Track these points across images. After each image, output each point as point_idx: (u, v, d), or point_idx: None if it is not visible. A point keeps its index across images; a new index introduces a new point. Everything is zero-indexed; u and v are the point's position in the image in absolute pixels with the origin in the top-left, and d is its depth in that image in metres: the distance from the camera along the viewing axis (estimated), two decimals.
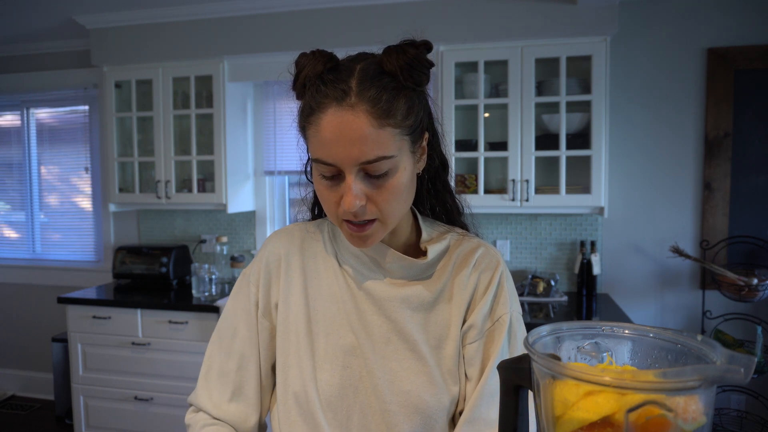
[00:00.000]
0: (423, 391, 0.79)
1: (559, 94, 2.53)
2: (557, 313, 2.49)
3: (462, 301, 0.83)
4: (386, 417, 0.79)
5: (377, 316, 0.82)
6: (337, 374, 0.81)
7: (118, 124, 3.14)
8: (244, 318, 0.87)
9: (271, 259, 0.88)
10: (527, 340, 0.53)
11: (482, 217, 2.95)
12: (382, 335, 0.82)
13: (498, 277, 0.84)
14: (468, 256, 0.86)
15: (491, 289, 0.83)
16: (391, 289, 0.83)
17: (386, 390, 0.79)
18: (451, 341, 0.82)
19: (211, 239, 3.30)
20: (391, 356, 0.81)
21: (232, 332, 0.87)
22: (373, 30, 2.67)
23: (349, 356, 0.81)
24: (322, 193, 0.76)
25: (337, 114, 0.70)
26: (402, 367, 0.80)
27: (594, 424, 0.46)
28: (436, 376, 0.80)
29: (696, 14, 2.65)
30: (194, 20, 2.89)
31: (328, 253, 0.87)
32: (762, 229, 2.63)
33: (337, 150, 0.70)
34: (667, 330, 0.54)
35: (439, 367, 0.81)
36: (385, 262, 0.83)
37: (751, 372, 0.42)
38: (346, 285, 0.85)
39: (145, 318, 2.76)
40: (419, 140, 0.78)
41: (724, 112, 2.64)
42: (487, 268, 0.85)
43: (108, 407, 2.85)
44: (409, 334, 0.81)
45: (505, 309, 0.83)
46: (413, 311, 0.82)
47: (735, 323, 2.64)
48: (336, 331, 0.83)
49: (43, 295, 3.63)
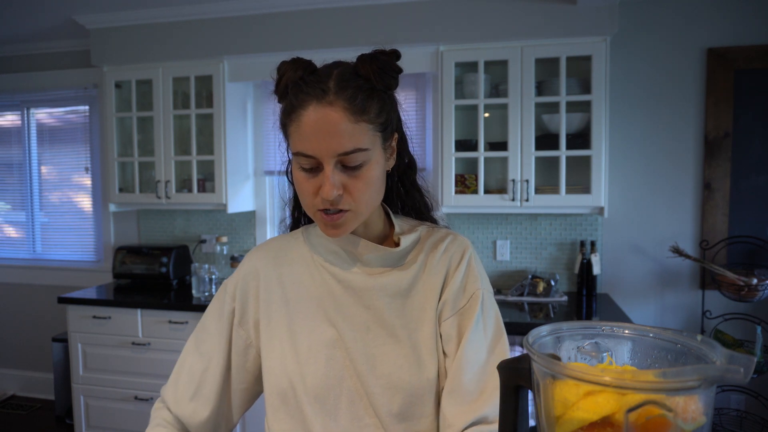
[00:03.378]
0: (403, 371, 0.85)
1: (559, 94, 2.53)
2: (557, 313, 2.50)
3: (436, 283, 0.90)
4: (372, 400, 0.85)
5: (356, 307, 0.88)
6: (321, 367, 0.86)
7: (118, 124, 3.14)
8: (218, 325, 0.94)
9: (249, 273, 0.95)
10: (527, 340, 0.53)
11: (482, 217, 2.95)
12: (361, 324, 0.87)
13: (467, 258, 0.91)
14: (438, 244, 0.92)
15: (461, 268, 0.90)
16: (369, 279, 0.88)
17: (369, 375, 0.85)
18: (428, 322, 0.88)
19: (211, 239, 3.30)
20: (372, 343, 0.86)
21: (206, 336, 0.95)
22: (373, 30, 2.67)
23: (331, 349, 0.86)
24: (301, 185, 0.82)
25: (317, 110, 0.77)
26: (382, 352, 0.86)
27: (594, 424, 0.46)
28: (415, 357, 0.86)
29: (696, 14, 2.65)
30: (194, 20, 2.89)
31: (304, 255, 0.94)
32: (762, 229, 2.63)
33: (317, 142, 0.77)
34: (667, 330, 0.54)
35: (419, 348, 0.86)
36: (361, 253, 0.88)
37: (750, 372, 0.42)
38: (324, 282, 0.90)
39: (145, 318, 2.76)
40: (389, 139, 0.86)
41: (724, 113, 2.64)
42: (456, 251, 0.92)
43: (108, 407, 2.85)
44: (388, 321, 0.87)
45: (476, 285, 0.89)
46: (391, 298, 0.88)
47: (735, 323, 2.64)
48: (317, 327, 0.88)
49: (43, 295, 3.63)
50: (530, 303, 2.64)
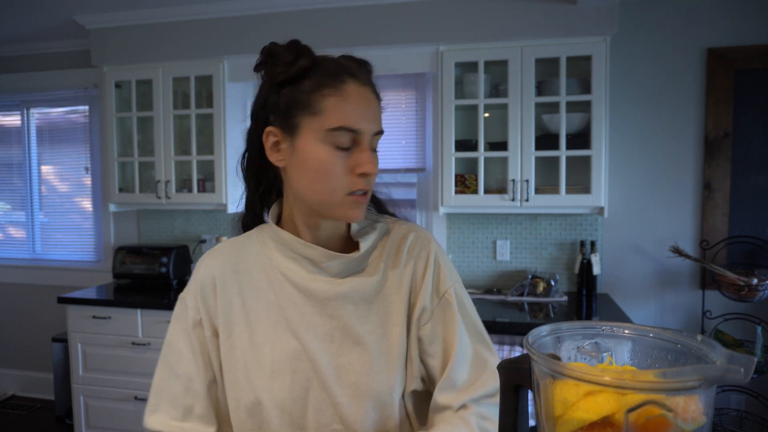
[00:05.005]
0: (369, 378, 0.83)
1: (559, 94, 2.53)
2: (557, 313, 2.49)
3: (403, 287, 0.88)
4: (339, 410, 0.83)
5: (319, 316, 0.85)
6: (287, 380, 0.84)
7: (118, 124, 3.14)
8: (185, 340, 0.89)
9: (206, 281, 0.90)
10: (527, 340, 0.53)
11: (482, 217, 2.95)
12: (325, 334, 0.85)
13: (433, 258, 0.89)
14: (401, 244, 0.90)
15: (429, 270, 0.88)
16: (331, 287, 0.85)
17: (335, 385, 0.83)
18: (396, 327, 0.86)
19: (211, 239, 3.30)
20: (336, 352, 0.84)
21: (177, 356, 0.89)
22: (373, 30, 2.67)
23: (295, 361, 0.84)
24: (333, 166, 0.79)
25: (358, 87, 0.80)
26: (347, 362, 0.84)
27: (594, 424, 0.46)
28: (381, 363, 0.84)
29: (696, 14, 2.65)
30: (194, 20, 2.89)
31: (263, 263, 0.89)
32: (762, 229, 2.63)
33: (363, 117, 0.79)
34: (667, 330, 0.54)
35: (387, 354, 0.85)
36: (322, 261, 0.85)
37: (751, 372, 0.42)
38: (285, 291, 0.87)
39: (145, 318, 2.76)
40: None
41: (724, 112, 2.64)
42: (421, 251, 0.90)
43: (108, 407, 2.85)
44: (352, 329, 0.85)
45: (447, 284, 0.89)
46: (355, 305, 0.86)
47: (735, 323, 2.64)
48: (279, 339, 0.85)
49: (43, 295, 3.63)
50: (530, 303, 2.64)
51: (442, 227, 3.00)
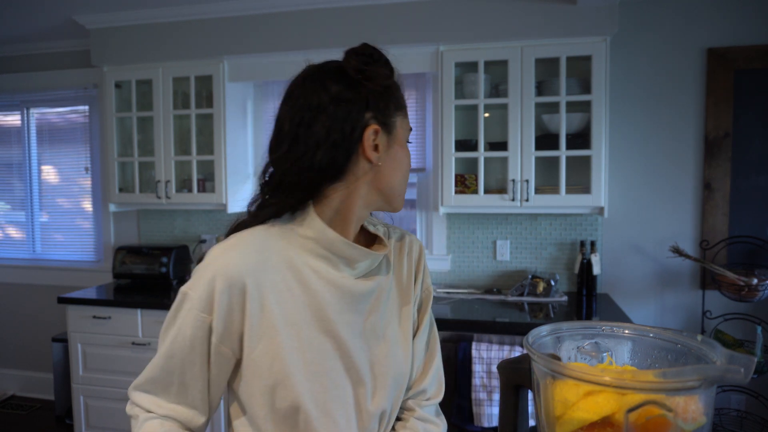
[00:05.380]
0: (392, 369, 0.92)
1: (559, 94, 2.53)
2: (557, 313, 2.49)
3: (407, 281, 0.99)
4: (374, 400, 0.90)
5: (351, 314, 0.88)
6: (325, 381, 0.85)
7: (118, 124, 3.14)
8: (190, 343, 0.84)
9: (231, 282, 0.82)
10: (527, 340, 0.53)
11: (482, 217, 2.95)
12: (356, 331, 0.89)
13: (423, 256, 1.04)
14: (401, 246, 1.01)
15: (421, 266, 1.02)
16: (359, 284, 0.90)
17: (368, 378, 0.89)
18: (409, 318, 0.97)
19: (211, 239, 3.30)
20: (368, 348, 0.90)
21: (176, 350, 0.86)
22: (373, 30, 2.67)
23: (330, 360, 0.86)
24: (410, 160, 0.93)
25: None
26: (374, 354, 0.90)
27: (594, 424, 0.46)
28: (400, 354, 0.94)
29: (696, 14, 2.65)
30: (194, 20, 2.89)
31: (289, 260, 0.85)
32: (762, 229, 2.63)
33: None
34: (667, 330, 0.54)
35: (403, 344, 0.95)
36: (357, 260, 0.88)
37: (751, 372, 0.42)
38: (315, 289, 0.85)
39: (145, 318, 2.76)
40: None
41: (724, 112, 2.64)
42: (414, 250, 1.02)
43: (108, 407, 2.85)
44: (377, 323, 0.92)
45: (429, 280, 1.04)
46: (377, 301, 0.93)
47: (735, 323, 2.64)
48: (315, 340, 0.85)
49: (43, 295, 3.63)
50: (530, 303, 2.64)
51: (442, 227, 3.00)
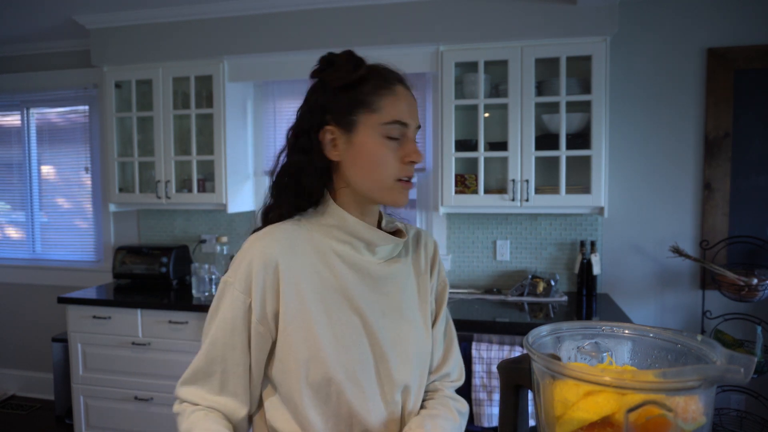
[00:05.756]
0: (415, 347, 0.99)
1: (559, 94, 2.53)
2: (557, 313, 2.49)
3: (426, 274, 1.07)
4: (396, 378, 0.96)
5: (373, 294, 0.97)
6: (354, 353, 0.92)
7: (118, 124, 3.14)
8: (231, 326, 0.92)
9: (266, 265, 0.91)
10: (527, 340, 0.53)
11: (482, 217, 2.95)
12: (379, 310, 0.97)
13: (438, 254, 1.12)
14: (417, 238, 1.10)
15: (437, 259, 1.11)
16: (381, 268, 0.99)
17: (391, 356, 0.95)
18: (426, 304, 1.05)
19: (211, 239, 3.30)
20: (390, 326, 0.97)
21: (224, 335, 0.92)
22: (373, 30, 2.67)
23: (358, 336, 0.94)
24: (386, 155, 0.93)
25: (404, 90, 0.96)
26: (397, 334, 0.98)
27: (594, 424, 0.46)
28: (421, 332, 1.02)
29: (696, 14, 2.65)
30: (194, 20, 2.89)
31: (316, 245, 0.96)
32: (762, 229, 2.63)
33: (410, 113, 0.95)
34: (667, 330, 0.54)
35: (424, 325, 1.03)
36: (377, 243, 0.98)
37: (751, 372, 0.42)
38: (340, 271, 0.95)
39: (145, 318, 2.76)
40: None
41: (724, 112, 2.64)
42: (429, 244, 1.11)
43: (108, 407, 2.85)
44: (398, 304, 0.99)
45: (444, 272, 1.13)
46: (399, 285, 1.01)
47: (735, 323, 2.64)
48: (343, 316, 0.94)
49: (43, 295, 3.63)
50: (530, 303, 2.64)
51: (442, 227, 3.00)
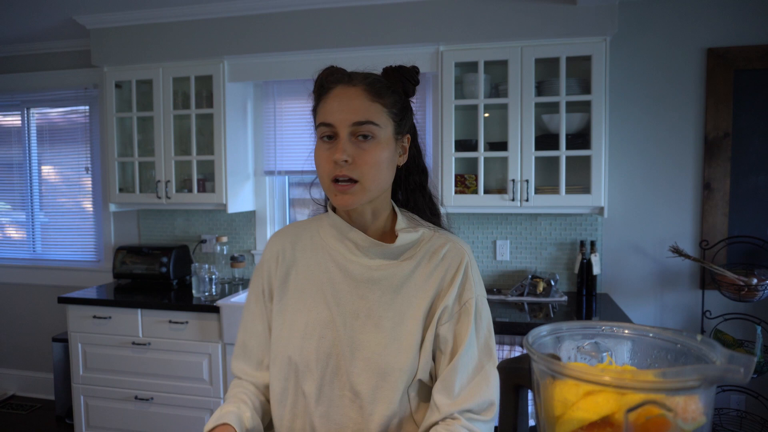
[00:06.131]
0: (380, 358, 0.96)
1: (559, 94, 2.53)
2: (557, 313, 2.50)
3: (429, 287, 0.99)
4: (350, 378, 0.97)
5: (351, 295, 1.00)
6: (314, 344, 0.99)
7: (118, 124, 3.14)
8: (256, 304, 1.09)
9: (272, 256, 1.09)
10: (527, 340, 0.53)
11: (482, 217, 2.95)
12: (352, 312, 0.99)
13: (464, 267, 1.00)
14: (437, 251, 1.02)
15: (458, 277, 0.99)
16: (366, 271, 1.00)
17: (350, 357, 0.97)
18: (413, 320, 0.98)
19: (211, 239, 3.30)
20: (358, 330, 0.98)
21: (251, 316, 1.10)
22: (373, 30, 2.67)
23: (324, 329, 0.99)
24: (319, 156, 0.96)
25: (341, 89, 0.95)
26: (364, 339, 0.97)
27: (594, 424, 0.46)
28: (393, 347, 0.97)
29: (696, 14, 2.65)
30: (194, 20, 2.89)
31: (316, 243, 1.06)
32: (762, 229, 2.63)
33: (337, 113, 0.93)
34: (667, 330, 0.54)
35: (399, 340, 0.97)
36: (363, 246, 1.00)
37: (750, 372, 0.42)
38: (327, 268, 1.03)
39: (146, 318, 2.76)
40: (402, 132, 1.00)
41: (724, 113, 2.64)
42: (454, 260, 1.01)
43: (108, 407, 2.85)
44: (375, 312, 0.98)
45: (470, 294, 0.99)
46: (382, 292, 0.99)
47: (735, 323, 2.64)
48: (315, 308, 1.01)
49: (44, 295, 3.63)
50: (530, 303, 2.64)
51: None
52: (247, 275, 3.26)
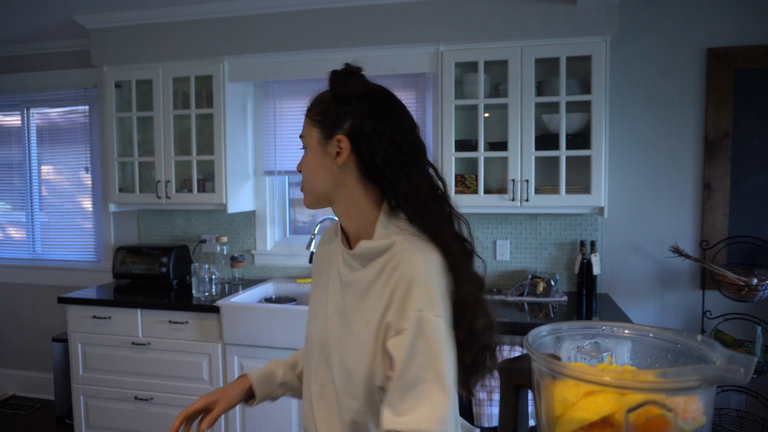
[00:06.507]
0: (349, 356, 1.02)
1: (559, 94, 2.53)
2: (557, 313, 2.49)
3: (383, 298, 0.96)
4: (331, 369, 1.05)
5: (338, 293, 1.07)
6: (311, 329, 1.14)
7: (118, 124, 3.14)
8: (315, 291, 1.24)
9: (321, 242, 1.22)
10: (527, 340, 0.53)
11: (482, 217, 2.95)
12: (336, 308, 1.07)
13: (409, 280, 0.93)
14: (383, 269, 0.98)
15: (400, 291, 0.93)
16: (347, 273, 1.06)
17: (318, 347, 1.09)
18: (372, 328, 0.98)
19: (211, 239, 3.30)
20: (333, 325, 1.06)
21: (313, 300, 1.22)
22: (373, 30, 2.67)
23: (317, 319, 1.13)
24: None
25: None
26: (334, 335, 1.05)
27: (594, 424, 0.46)
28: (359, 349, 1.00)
29: (696, 14, 2.65)
30: (194, 20, 2.89)
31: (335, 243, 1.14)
32: (762, 229, 2.63)
33: None
34: (667, 330, 0.54)
35: (361, 344, 1.00)
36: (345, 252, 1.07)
37: (750, 372, 0.42)
38: (334, 266, 1.11)
39: (145, 318, 2.76)
40: (331, 135, 1.00)
41: (724, 112, 2.64)
42: (405, 274, 0.94)
43: (108, 407, 2.85)
44: (348, 313, 1.03)
45: (413, 307, 0.91)
46: (354, 296, 1.03)
47: (735, 323, 2.64)
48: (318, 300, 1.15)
49: (43, 295, 3.63)
50: (530, 303, 2.64)
51: None
52: (246, 275, 3.26)
